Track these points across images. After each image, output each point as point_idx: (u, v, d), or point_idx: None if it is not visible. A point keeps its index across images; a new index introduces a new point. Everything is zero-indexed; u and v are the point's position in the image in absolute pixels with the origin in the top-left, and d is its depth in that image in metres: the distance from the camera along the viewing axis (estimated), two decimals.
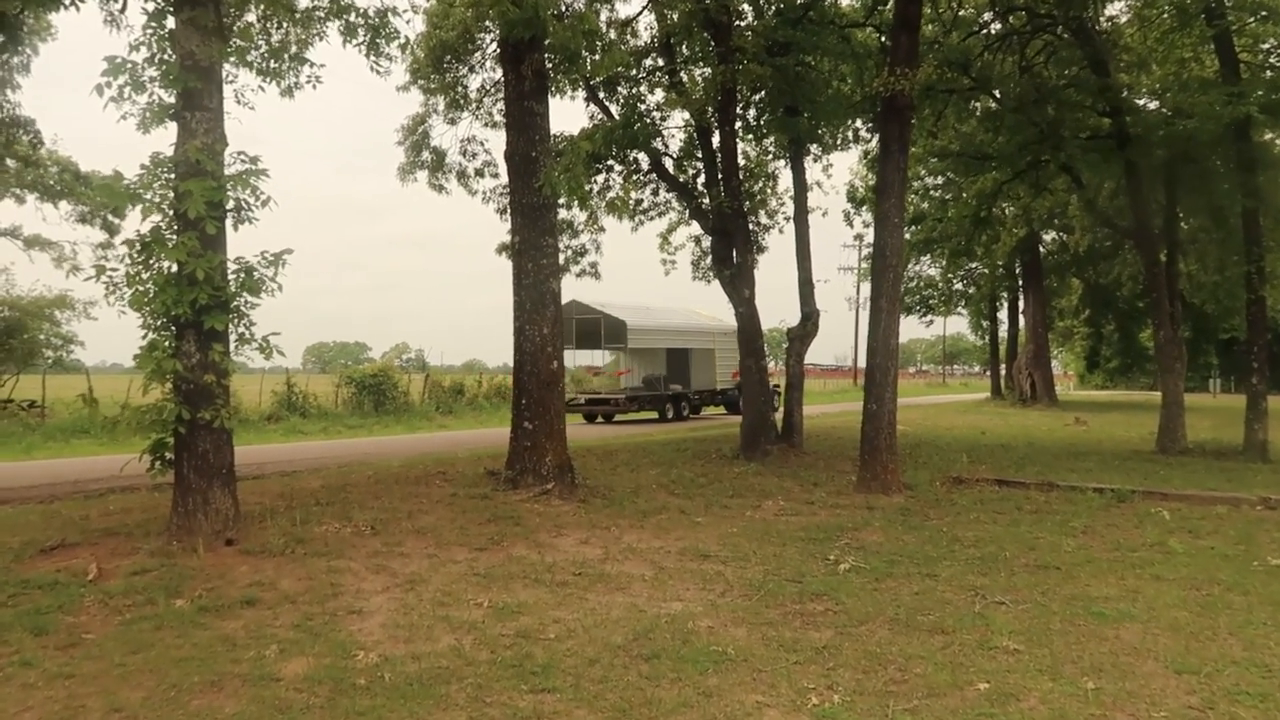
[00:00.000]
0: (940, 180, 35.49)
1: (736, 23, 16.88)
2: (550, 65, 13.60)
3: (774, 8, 17.32)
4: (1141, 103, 19.71)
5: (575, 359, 38.47)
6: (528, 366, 11.19)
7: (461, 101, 20.03)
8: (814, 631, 6.11)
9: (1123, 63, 19.29)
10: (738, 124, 18.83)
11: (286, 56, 10.34)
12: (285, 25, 11.52)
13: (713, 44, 16.00)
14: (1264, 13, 15.47)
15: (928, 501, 11.34)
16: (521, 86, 11.31)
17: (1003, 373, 46.96)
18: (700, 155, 18.37)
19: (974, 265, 43.56)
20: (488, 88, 19.62)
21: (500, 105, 16.76)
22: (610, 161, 18.96)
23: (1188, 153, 18.36)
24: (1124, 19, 19.93)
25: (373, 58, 9.74)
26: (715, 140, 17.65)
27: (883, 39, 18.18)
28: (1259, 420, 16.44)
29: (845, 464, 14.76)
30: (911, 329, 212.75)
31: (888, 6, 17.81)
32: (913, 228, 42.36)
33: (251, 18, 11.13)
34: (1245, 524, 10.03)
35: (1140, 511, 10.68)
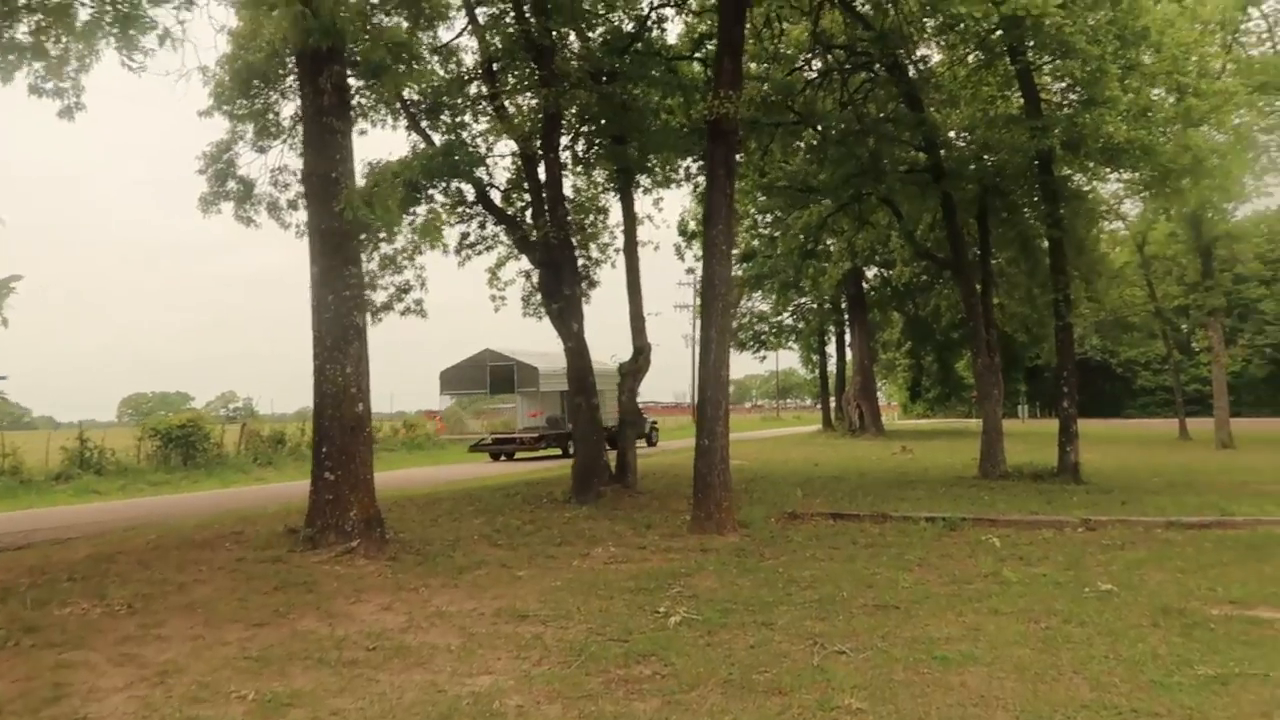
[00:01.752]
0: (770, 218, 36.26)
1: (563, 49, 16.43)
2: (363, 85, 12.61)
3: (601, 37, 16.98)
4: (953, 136, 20.43)
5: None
6: (329, 410, 10.03)
7: (273, 129, 18.57)
8: (639, 702, 5.34)
9: (935, 100, 20.01)
10: (565, 154, 18.36)
11: (68, 73, 9.08)
12: (65, 39, 10.12)
13: (536, 69, 15.37)
14: (1061, 52, 16.22)
15: (763, 540, 10.86)
16: (320, 101, 10.27)
17: (833, 405, 48.32)
18: (529, 186, 17.68)
19: (804, 300, 44.83)
20: (301, 115, 18.28)
21: None
22: (432, 192, 17.96)
23: (998, 186, 19.18)
24: (936, 58, 20.76)
25: (124, 52, 8.49)
26: (542, 171, 17.05)
27: (708, 72, 18.13)
28: (1070, 443, 17.07)
29: (680, 503, 14.17)
30: (747, 365, 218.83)
31: (714, 41, 17.80)
32: (745, 264, 43.28)
33: (22, 30, 9.75)
34: (1071, 547, 10.05)
35: (972, 540, 10.57)
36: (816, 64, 20.68)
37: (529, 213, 18.09)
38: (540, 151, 15.55)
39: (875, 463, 24.74)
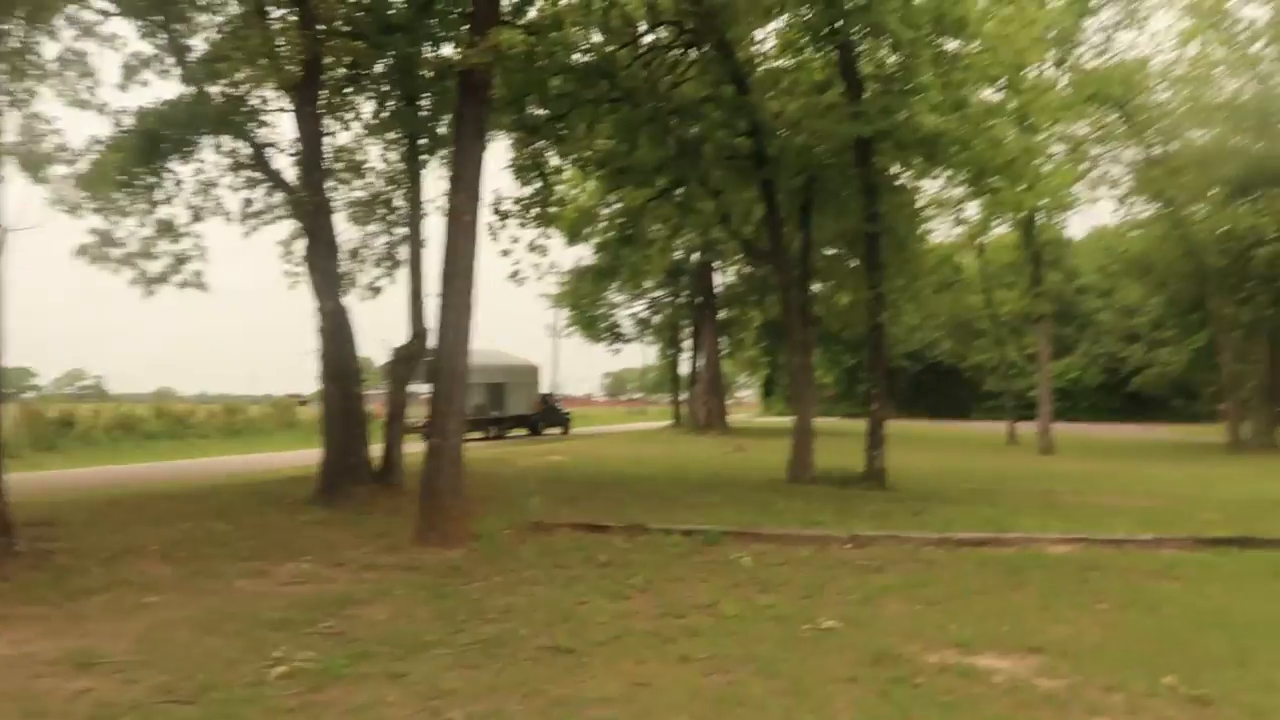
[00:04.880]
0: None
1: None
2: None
3: None
4: (782, 127, 19.53)
5: None
6: None
7: None
8: None
9: (764, 86, 19.05)
10: (352, 115, 16.64)
11: None
12: None
13: (296, 8, 13.53)
14: (885, 36, 15.36)
15: (488, 556, 9.40)
16: None
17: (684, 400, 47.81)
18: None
19: (659, 294, 43.90)
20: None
21: None
22: (193, 147, 15.86)
23: (821, 177, 18.35)
24: (769, 45, 19.84)
25: None
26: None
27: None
28: (877, 447, 16.34)
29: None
30: (619, 357, 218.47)
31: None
32: (599, 254, 41.97)
33: None
34: (823, 569, 8.97)
35: (722, 558, 9.39)
36: (647, 39, 19.54)
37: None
38: (297, 104, 13.66)
39: (702, 461, 23.81)
